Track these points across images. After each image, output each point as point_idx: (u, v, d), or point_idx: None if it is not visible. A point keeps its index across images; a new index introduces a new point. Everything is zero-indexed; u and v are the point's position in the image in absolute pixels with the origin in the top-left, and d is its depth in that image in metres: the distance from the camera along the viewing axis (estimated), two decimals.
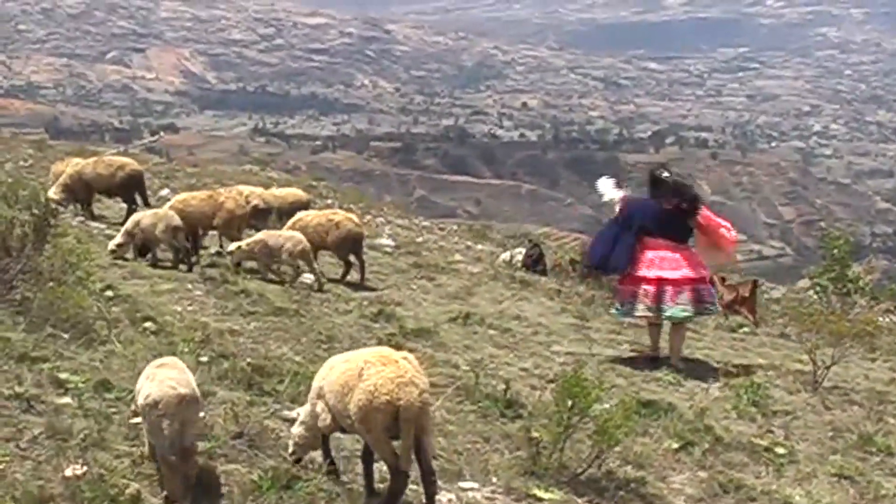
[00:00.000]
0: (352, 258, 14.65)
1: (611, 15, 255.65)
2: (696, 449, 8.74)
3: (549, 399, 8.65)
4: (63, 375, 7.77)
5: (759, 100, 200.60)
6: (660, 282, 11.62)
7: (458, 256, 19.17)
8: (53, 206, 10.70)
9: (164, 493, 6.17)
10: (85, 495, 5.86)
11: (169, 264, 13.58)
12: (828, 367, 11.20)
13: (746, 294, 15.18)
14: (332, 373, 6.75)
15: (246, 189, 16.37)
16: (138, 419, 6.61)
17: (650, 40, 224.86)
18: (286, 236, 13.86)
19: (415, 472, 6.47)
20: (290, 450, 7.03)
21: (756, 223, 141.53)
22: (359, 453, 6.94)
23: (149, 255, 13.76)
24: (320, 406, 6.78)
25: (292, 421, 7.09)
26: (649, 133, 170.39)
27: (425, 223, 29.58)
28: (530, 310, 14.02)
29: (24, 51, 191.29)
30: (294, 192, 18.50)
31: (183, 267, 13.50)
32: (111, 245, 13.64)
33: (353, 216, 15.42)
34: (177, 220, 13.79)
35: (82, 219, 16.32)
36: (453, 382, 9.47)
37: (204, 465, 6.62)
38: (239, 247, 13.77)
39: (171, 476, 6.17)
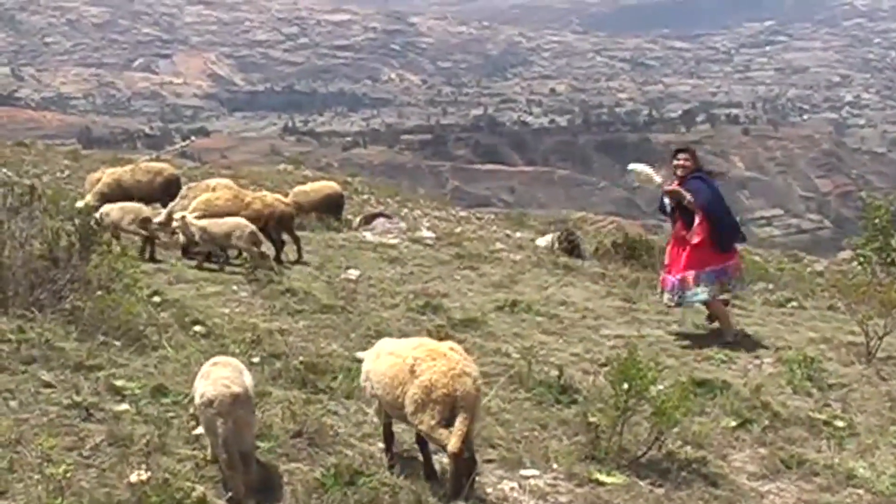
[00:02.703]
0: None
1: None
2: (755, 426, 8.67)
3: (604, 383, 8.61)
4: (119, 382, 7.81)
5: (789, 73, 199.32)
6: None
7: (499, 245, 19.13)
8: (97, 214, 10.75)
9: (228, 494, 6.18)
10: (151, 500, 5.87)
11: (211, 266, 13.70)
12: (881, 338, 11.07)
13: None
14: (379, 363, 6.80)
15: (223, 181, 16.64)
16: (200, 429, 6.64)
17: (675, 19, 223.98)
18: (232, 223, 13.75)
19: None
20: None
21: (792, 197, 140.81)
22: (417, 447, 6.95)
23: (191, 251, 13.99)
24: (369, 392, 6.88)
25: None
26: (679, 112, 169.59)
27: (462, 213, 29.62)
28: (576, 294, 13.95)
29: (52, 63, 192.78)
30: (330, 185, 19.04)
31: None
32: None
33: (267, 195, 15.51)
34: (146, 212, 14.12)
35: None
36: (506, 371, 9.45)
37: (267, 465, 6.64)
38: (184, 216, 13.67)
39: (232, 475, 6.20)
